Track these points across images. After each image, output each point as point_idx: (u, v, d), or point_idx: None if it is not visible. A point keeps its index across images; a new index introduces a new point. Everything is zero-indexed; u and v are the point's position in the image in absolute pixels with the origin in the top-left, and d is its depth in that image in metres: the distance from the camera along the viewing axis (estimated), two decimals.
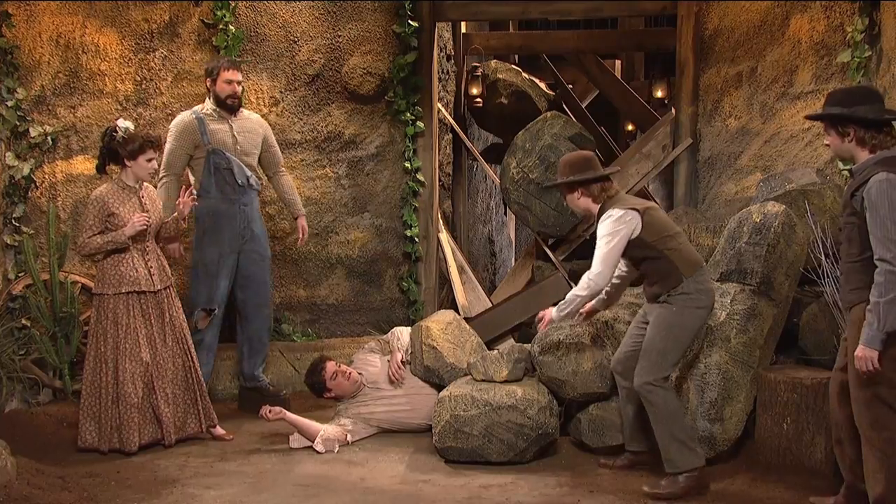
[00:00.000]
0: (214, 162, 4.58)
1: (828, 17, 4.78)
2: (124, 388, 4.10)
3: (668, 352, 3.56)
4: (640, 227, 3.59)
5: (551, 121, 5.46)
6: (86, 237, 4.14)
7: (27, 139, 4.98)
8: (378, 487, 3.69)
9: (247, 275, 4.71)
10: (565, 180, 3.72)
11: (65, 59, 5.07)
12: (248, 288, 4.73)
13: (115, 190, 4.18)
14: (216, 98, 4.62)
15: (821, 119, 3.16)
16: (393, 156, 5.57)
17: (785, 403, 3.73)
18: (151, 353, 4.18)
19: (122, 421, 4.11)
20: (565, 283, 5.37)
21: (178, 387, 4.26)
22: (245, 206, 4.65)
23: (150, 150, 4.16)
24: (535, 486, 3.69)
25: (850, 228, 3.04)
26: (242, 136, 4.65)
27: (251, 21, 5.33)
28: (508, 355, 4.14)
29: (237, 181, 4.61)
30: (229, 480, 3.77)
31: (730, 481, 3.67)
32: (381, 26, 5.46)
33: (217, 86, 4.59)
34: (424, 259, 5.61)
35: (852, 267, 3.05)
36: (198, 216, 4.64)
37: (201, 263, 4.65)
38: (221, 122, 4.62)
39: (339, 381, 4.38)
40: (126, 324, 4.14)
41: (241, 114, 4.72)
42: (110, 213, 4.13)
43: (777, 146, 5.06)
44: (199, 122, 4.57)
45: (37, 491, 3.50)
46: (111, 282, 4.16)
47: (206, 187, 4.60)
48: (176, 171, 4.62)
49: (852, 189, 3.02)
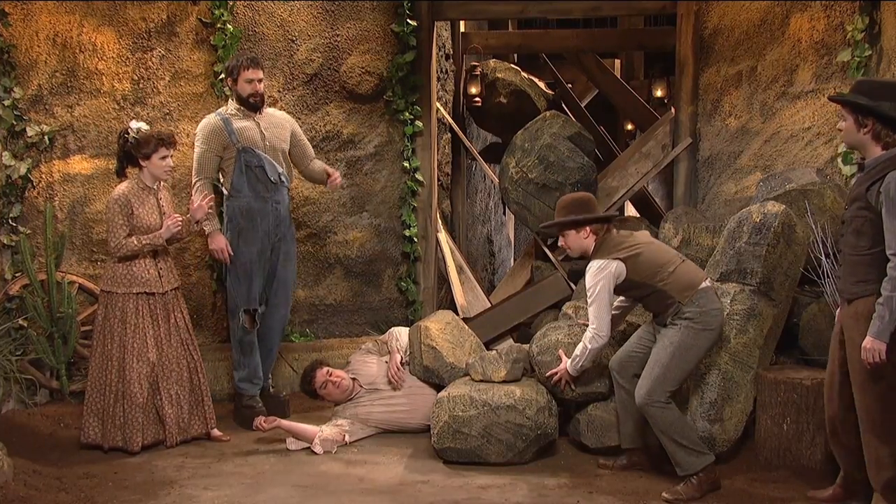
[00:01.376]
0: (245, 160, 4.51)
1: (828, 16, 4.77)
2: (130, 388, 4.10)
3: (671, 370, 3.57)
4: (623, 273, 3.64)
5: (550, 120, 5.45)
6: (119, 238, 4.13)
7: (24, 138, 4.96)
8: (376, 488, 3.68)
9: (274, 274, 4.68)
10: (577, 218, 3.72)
11: (62, 58, 5.05)
12: (271, 286, 4.69)
13: (135, 190, 4.20)
14: (238, 98, 4.58)
15: (846, 103, 3.13)
16: (391, 155, 5.56)
17: (785, 404, 3.73)
18: (158, 353, 4.19)
19: (127, 420, 4.11)
20: (564, 282, 5.36)
21: (183, 388, 4.26)
22: (277, 203, 4.60)
23: (164, 149, 4.17)
24: (534, 486, 3.68)
25: (861, 222, 3.06)
26: (270, 131, 4.61)
27: (249, 20, 5.32)
28: (507, 355, 4.13)
29: (269, 178, 4.55)
30: (227, 481, 3.76)
31: (729, 482, 3.66)
32: (380, 25, 5.45)
33: (238, 85, 4.55)
34: (423, 259, 5.60)
35: (860, 260, 3.07)
36: (230, 216, 4.58)
37: (238, 264, 4.57)
38: (247, 119, 4.57)
39: (330, 389, 4.38)
40: (134, 323, 4.14)
41: (266, 111, 4.68)
42: (131, 212, 4.14)
43: (777, 146, 5.05)
44: (225, 122, 4.52)
45: (34, 492, 3.49)
46: (122, 281, 4.16)
47: (238, 186, 4.53)
48: (208, 175, 4.56)
49: (867, 183, 3.03)
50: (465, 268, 5.86)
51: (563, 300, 5.14)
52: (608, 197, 5.60)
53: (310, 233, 5.43)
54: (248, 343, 4.64)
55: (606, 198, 5.59)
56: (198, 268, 5.31)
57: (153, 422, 4.19)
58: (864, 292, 3.05)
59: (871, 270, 3.03)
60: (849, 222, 3.13)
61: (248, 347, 4.65)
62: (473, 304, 5.61)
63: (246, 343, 4.64)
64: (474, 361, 4.19)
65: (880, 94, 3.05)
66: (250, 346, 4.65)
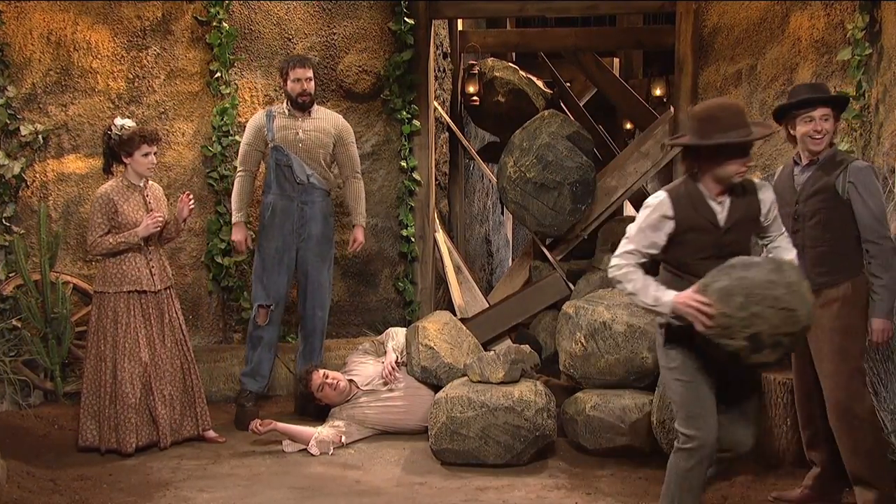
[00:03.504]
0: (276, 158, 4.60)
1: (828, 14, 4.75)
2: (122, 389, 4.07)
3: None
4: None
5: (549, 119, 5.42)
6: (96, 236, 4.12)
7: (18, 138, 4.94)
8: (373, 490, 3.66)
9: (303, 275, 4.67)
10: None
11: (56, 57, 5.02)
12: (303, 288, 4.70)
13: (120, 187, 4.16)
14: (288, 97, 4.65)
15: (842, 101, 3.27)
16: (389, 155, 5.53)
17: (784, 405, 3.71)
18: (150, 353, 4.15)
19: (120, 421, 4.08)
20: (563, 282, 5.34)
21: (176, 388, 4.23)
22: (304, 204, 4.62)
23: (146, 145, 4.13)
24: (533, 488, 3.66)
25: (826, 213, 3.15)
26: (308, 134, 4.63)
27: (245, 18, 5.29)
28: (505, 356, 4.11)
29: (296, 178, 4.59)
30: (223, 483, 3.74)
31: (729, 483, 3.64)
32: (377, 24, 5.42)
33: (287, 85, 4.62)
34: (421, 259, 5.57)
35: (825, 251, 3.17)
36: (261, 211, 4.70)
37: (259, 259, 4.65)
38: (291, 119, 4.63)
39: (326, 391, 4.36)
40: (126, 323, 4.12)
41: (318, 111, 4.73)
42: (115, 210, 4.10)
43: (776, 145, 5.03)
44: (268, 118, 4.63)
45: (27, 494, 3.47)
46: (113, 280, 4.14)
47: (268, 183, 4.64)
48: (249, 167, 4.69)
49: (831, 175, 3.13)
50: (462, 268, 5.84)
51: (562, 300, 5.12)
52: (607, 196, 5.57)
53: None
54: (257, 338, 4.64)
55: (605, 197, 5.56)
56: (194, 268, 5.28)
57: (146, 423, 4.15)
58: (832, 282, 3.15)
59: (838, 259, 3.14)
60: (808, 216, 3.20)
61: (256, 342, 4.65)
62: (471, 305, 5.59)
63: (255, 337, 4.65)
64: (472, 362, 4.16)
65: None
66: (259, 341, 4.64)
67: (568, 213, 5.32)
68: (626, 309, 4.26)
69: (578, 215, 5.37)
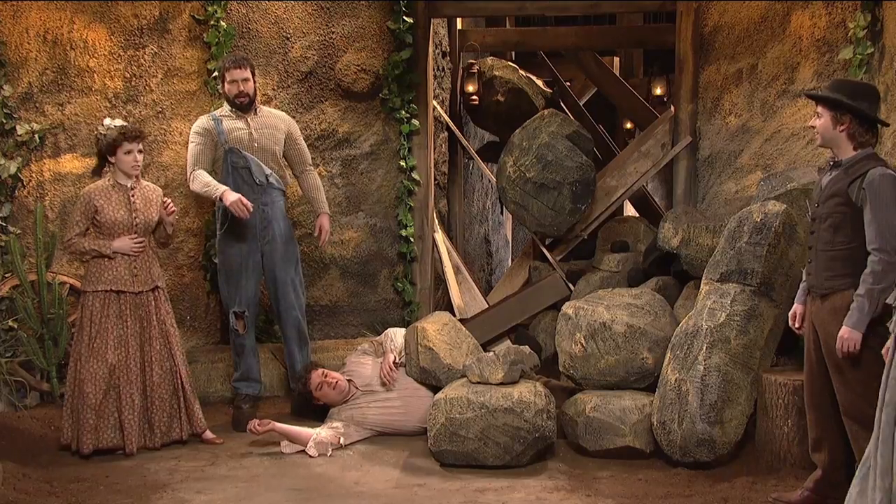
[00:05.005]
0: (231, 161, 4.51)
1: (829, 13, 4.73)
2: (83, 388, 4.04)
3: None
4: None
5: (548, 119, 5.40)
6: (72, 235, 4.13)
7: (14, 137, 4.92)
8: (372, 491, 3.64)
9: (271, 278, 4.63)
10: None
11: (52, 56, 4.99)
12: (273, 291, 4.65)
13: (104, 188, 4.15)
14: (226, 98, 4.58)
15: (825, 100, 3.20)
16: (388, 154, 5.51)
17: (786, 406, 3.69)
18: (120, 355, 4.10)
19: (78, 421, 4.05)
20: (562, 283, 5.32)
21: (164, 391, 4.19)
22: (265, 205, 4.55)
23: (126, 143, 4.09)
24: (532, 490, 3.64)
25: (839, 217, 3.14)
26: (260, 132, 4.57)
27: (243, 17, 5.26)
28: (505, 357, 4.09)
29: (255, 180, 4.52)
30: (221, 485, 3.72)
31: (729, 485, 3.62)
32: (376, 23, 5.40)
33: (224, 87, 4.56)
34: (420, 259, 5.55)
35: (835, 255, 3.17)
36: (217, 218, 4.60)
37: (225, 265, 4.58)
38: (239, 120, 4.56)
39: (325, 391, 4.34)
40: (99, 322, 4.10)
41: (262, 111, 4.67)
42: (95, 210, 4.09)
43: (778, 144, 5.01)
44: (216, 121, 4.53)
45: (23, 496, 3.46)
46: (91, 279, 4.14)
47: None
48: (203, 165, 4.53)
49: (847, 179, 3.13)
50: (462, 268, 5.82)
51: (562, 301, 5.09)
52: (607, 196, 5.56)
53: (305, 232, 5.38)
54: (240, 345, 4.62)
55: (605, 197, 5.55)
56: (191, 269, 5.26)
57: (111, 426, 4.08)
58: (841, 286, 3.15)
59: (847, 265, 3.13)
60: (823, 218, 3.21)
61: (240, 349, 4.62)
62: (471, 305, 5.57)
63: (237, 345, 4.62)
64: (472, 363, 4.14)
65: (859, 94, 3.15)
66: (242, 349, 4.62)
67: (568, 212, 5.30)
68: (625, 309, 4.24)
69: (578, 215, 5.35)
